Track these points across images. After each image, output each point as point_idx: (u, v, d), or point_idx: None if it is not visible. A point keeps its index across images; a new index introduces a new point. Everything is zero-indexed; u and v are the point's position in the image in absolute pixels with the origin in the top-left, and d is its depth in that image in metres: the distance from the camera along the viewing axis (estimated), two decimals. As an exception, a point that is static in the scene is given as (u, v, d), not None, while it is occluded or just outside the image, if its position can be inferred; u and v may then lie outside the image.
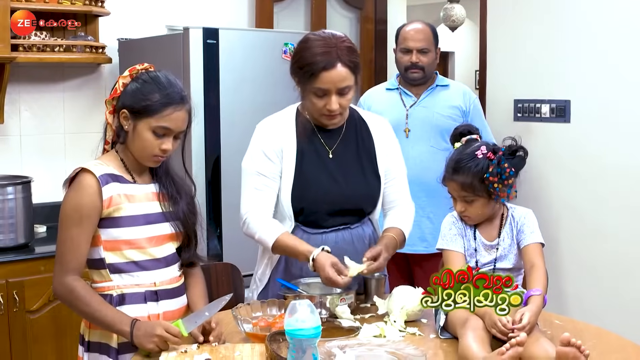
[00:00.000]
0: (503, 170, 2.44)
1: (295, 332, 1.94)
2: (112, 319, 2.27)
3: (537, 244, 2.51)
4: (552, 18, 4.26)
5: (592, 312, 4.06)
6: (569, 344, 2.02)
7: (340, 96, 2.64)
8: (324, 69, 2.57)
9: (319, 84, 2.60)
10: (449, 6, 7.98)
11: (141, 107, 2.33)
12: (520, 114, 4.43)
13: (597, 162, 4.09)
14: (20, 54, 3.84)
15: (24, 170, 4.06)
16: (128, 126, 2.36)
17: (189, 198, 2.53)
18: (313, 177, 2.73)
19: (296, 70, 2.67)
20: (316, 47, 2.61)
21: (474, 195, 2.50)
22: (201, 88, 3.74)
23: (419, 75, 3.90)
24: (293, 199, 2.71)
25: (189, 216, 2.50)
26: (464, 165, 2.50)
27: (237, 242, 3.77)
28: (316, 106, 2.66)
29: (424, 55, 3.89)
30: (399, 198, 2.88)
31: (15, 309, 3.48)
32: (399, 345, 2.25)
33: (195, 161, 3.74)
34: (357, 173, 2.79)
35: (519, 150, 2.52)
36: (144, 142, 2.35)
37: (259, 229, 2.69)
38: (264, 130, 2.78)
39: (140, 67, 2.40)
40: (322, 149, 2.77)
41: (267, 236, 2.67)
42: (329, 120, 2.72)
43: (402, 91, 3.97)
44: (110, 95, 2.39)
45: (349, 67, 2.61)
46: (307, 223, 2.74)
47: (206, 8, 4.70)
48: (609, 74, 4.02)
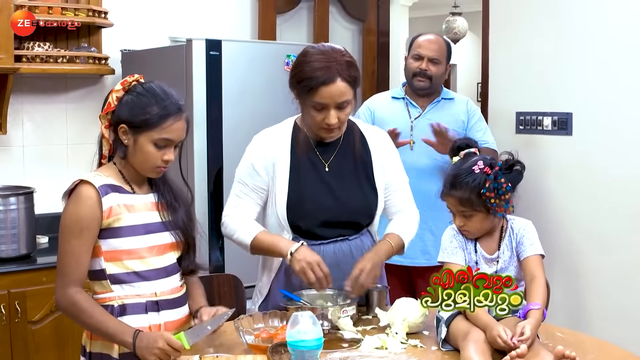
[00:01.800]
0: (500, 186, 2.44)
1: (297, 344, 1.94)
2: (114, 330, 2.27)
3: (537, 256, 2.51)
4: (554, 30, 4.26)
5: (594, 324, 4.05)
6: (563, 357, 2.02)
7: (339, 110, 2.64)
8: (323, 83, 2.58)
9: (318, 98, 2.61)
10: (452, 18, 8.02)
11: (140, 121, 2.32)
12: (522, 127, 4.43)
13: (599, 174, 4.09)
14: (24, 64, 3.85)
15: (26, 180, 4.07)
16: (128, 140, 2.35)
17: (187, 206, 2.54)
18: (309, 190, 2.74)
19: (295, 84, 2.67)
20: (315, 61, 2.61)
21: (472, 210, 2.50)
22: (204, 99, 3.74)
23: (425, 85, 3.89)
24: (289, 211, 2.72)
25: (188, 224, 2.51)
26: (461, 181, 2.50)
27: (239, 254, 3.74)
28: (315, 120, 2.67)
29: (434, 65, 3.88)
30: (404, 208, 2.90)
31: (17, 319, 3.48)
32: (400, 357, 2.25)
33: (198, 172, 3.74)
34: (353, 186, 2.80)
35: (516, 165, 2.52)
36: (146, 155, 2.35)
37: (237, 228, 2.76)
38: (258, 144, 2.81)
39: (131, 79, 2.39)
40: (318, 162, 2.78)
41: (245, 235, 2.72)
42: (327, 133, 2.72)
43: (408, 101, 3.96)
44: (104, 110, 2.37)
45: (348, 82, 2.61)
46: (304, 235, 2.74)
47: (209, 20, 4.71)
48: (612, 87, 4.03)
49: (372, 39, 5.45)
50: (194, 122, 3.69)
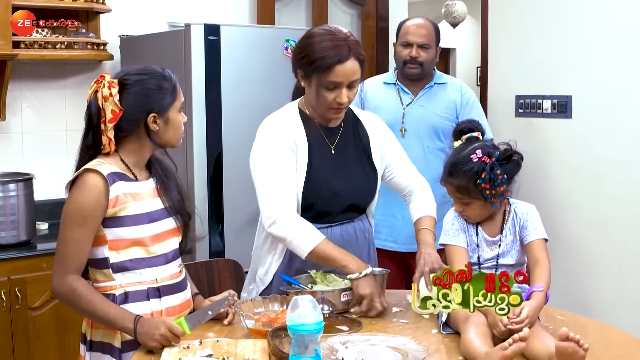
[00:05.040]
0: (495, 177, 2.43)
1: (297, 328, 1.94)
2: (115, 316, 2.27)
3: (541, 240, 2.50)
4: (553, 14, 4.25)
5: (595, 307, 4.06)
6: (567, 339, 2.02)
7: (349, 89, 2.66)
8: (338, 62, 2.59)
9: (333, 77, 2.61)
10: (451, 2, 7.98)
11: (163, 104, 2.36)
12: (522, 110, 4.42)
13: (599, 157, 4.09)
14: (22, 51, 3.84)
15: (25, 167, 4.07)
16: (155, 128, 2.36)
17: (176, 179, 2.54)
18: (322, 174, 2.73)
19: (305, 65, 2.66)
20: (326, 40, 2.62)
21: (469, 198, 2.50)
22: (203, 84, 3.73)
23: (416, 71, 3.85)
24: (304, 194, 2.71)
25: (182, 198, 2.51)
26: (459, 169, 2.49)
27: (238, 239, 3.78)
28: (326, 99, 2.66)
29: (424, 51, 3.84)
30: (412, 181, 2.93)
31: (18, 305, 3.49)
32: (401, 340, 2.25)
33: (197, 158, 3.74)
34: (358, 168, 2.81)
35: (514, 155, 2.51)
36: (176, 126, 2.41)
37: (295, 235, 2.62)
38: (273, 127, 2.75)
39: (108, 78, 2.35)
40: (325, 144, 2.78)
41: (305, 243, 2.61)
42: (336, 113, 2.72)
43: (399, 87, 3.92)
44: (110, 120, 2.32)
45: (359, 60, 2.64)
46: (315, 217, 2.73)
47: (207, 4, 4.70)
48: (611, 70, 4.02)
49: (371, 24, 5.44)
50: (193, 107, 3.69)
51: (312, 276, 2.69)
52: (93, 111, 2.35)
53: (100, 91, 2.33)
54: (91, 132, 2.37)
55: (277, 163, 2.68)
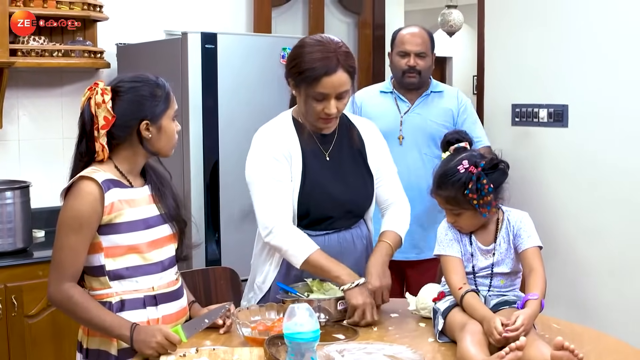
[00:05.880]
0: (482, 187, 2.43)
1: (293, 336, 1.94)
2: (111, 324, 2.27)
3: (535, 248, 2.50)
4: (549, 23, 4.26)
5: (590, 315, 4.06)
6: (562, 348, 2.03)
7: (338, 100, 2.65)
8: (325, 74, 2.59)
9: (320, 88, 2.61)
10: (447, 11, 8.02)
11: (156, 112, 2.36)
12: (518, 119, 4.43)
13: (594, 166, 4.10)
14: (19, 58, 3.85)
15: (22, 175, 4.07)
16: (147, 135, 2.36)
17: (171, 186, 2.54)
18: (317, 181, 2.74)
19: (294, 75, 2.67)
20: (316, 52, 2.62)
21: (460, 209, 2.49)
22: (199, 92, 3.74)
23: (415, 80, 3.87)
24: (300, 202, 2.71)
25: (177, 206, 2.51)
26: (446, 181, 2.49)
27: (235, 247, 3.78)
28: (314, 110, 2.67)
29: (421, 59, 3.86)
30: (393, 196, 2.91)
31: (14, 313, 3.49)
32: (397, 348, 2.25)
33: (194, 165, 3.74)
34: (353, 174, 2.82)
35: (500, 164, 2.50)
36: (169, 135, 2.41)
37: (290, 245, 2.64)
38: (267, 136, 2.76)
39: (102, 86, 2.36)
40: (319, 151, 2.79)
41: (298, 253, 2.63)
42: (325, 123, 2.73)
43: (396, 96, 3.94)
44: (103, 126, 2.32)
45: (348, 72, 2.63)
46: (310, 225, 2.74)
47: (204, 13, 4.71)
48: (607, 79, 4.03)
49: (367, 32, 5.45)
50: (190, 115, 3.69)
51: (309, 284, 2.70)
52: (86, 118, 2.35)
53: (93, 98, 2.33)
54: (85, 140, 2.37)
55: (270, 173, 2.69)
